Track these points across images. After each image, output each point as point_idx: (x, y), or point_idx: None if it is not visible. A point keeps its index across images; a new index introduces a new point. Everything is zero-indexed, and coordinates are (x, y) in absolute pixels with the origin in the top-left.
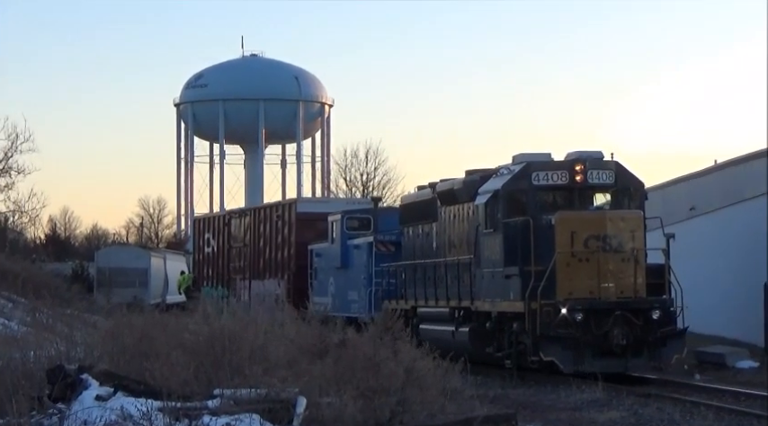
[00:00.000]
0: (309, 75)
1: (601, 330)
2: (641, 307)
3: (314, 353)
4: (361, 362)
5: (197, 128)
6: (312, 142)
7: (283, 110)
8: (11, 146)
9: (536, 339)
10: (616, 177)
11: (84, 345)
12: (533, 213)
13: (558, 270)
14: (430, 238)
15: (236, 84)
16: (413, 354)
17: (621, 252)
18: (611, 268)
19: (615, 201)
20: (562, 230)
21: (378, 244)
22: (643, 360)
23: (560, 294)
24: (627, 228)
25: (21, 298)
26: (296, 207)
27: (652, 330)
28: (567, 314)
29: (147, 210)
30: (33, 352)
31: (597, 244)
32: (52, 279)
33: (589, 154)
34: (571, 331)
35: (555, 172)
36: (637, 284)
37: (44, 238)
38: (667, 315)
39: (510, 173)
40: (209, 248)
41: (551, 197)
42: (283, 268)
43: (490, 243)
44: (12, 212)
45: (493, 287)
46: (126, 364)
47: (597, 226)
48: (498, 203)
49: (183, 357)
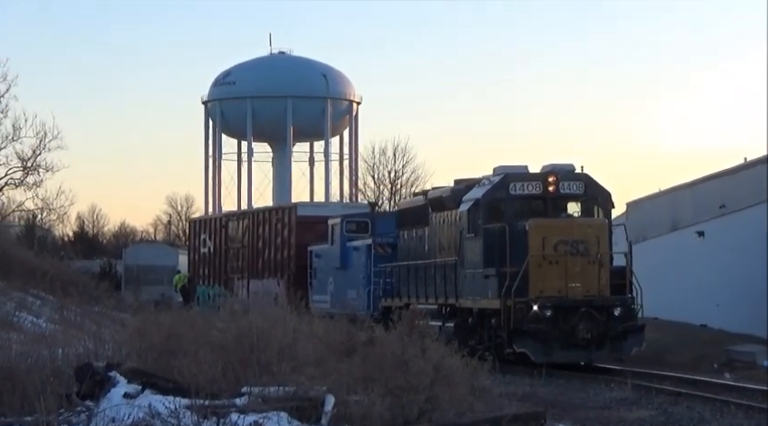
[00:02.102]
0: (337, 73)
1: (568, 325)
2: (604, 305)
3: (342, 351)
4: (389, 360)
5: (225, 126)
6: (340, 140)
7: (311, 107)
8: (39, 144)
9: (510, 333)
10: (585, 187)
11: (113, 343)
12: (510, 220)
13: (531, 271)
14: (422, 241)
15: (265, 82)
16: (441, 352)
17: (587, 255)
18: (578, 270)
19: (585, 209)
20: (535, 235)
21: (376, 246)
22: (605, 352)
23: (532, 292)
24: (593, 234)
25: (49, 296)
26: (296, 210)
27: (614, 325)
28: (537, 310)
29: (174, 208)
30: (62, 350)
31: (566, 248)
32: (80, 277)
33: (561, 166)
34: (541, 325)
35: (530, 182)
36: (600, 284)
37: (72, 236)
38: (628, 311)
39: (490, 184)
40: (204, 248)
41: (527, 205)
42: (283, 268)
43: (472, 246)
44: (40, 210)
45: (474, 286)
46: (154, 362)
47: (566, 232)
48: (479, 210)
49: (211, 355)
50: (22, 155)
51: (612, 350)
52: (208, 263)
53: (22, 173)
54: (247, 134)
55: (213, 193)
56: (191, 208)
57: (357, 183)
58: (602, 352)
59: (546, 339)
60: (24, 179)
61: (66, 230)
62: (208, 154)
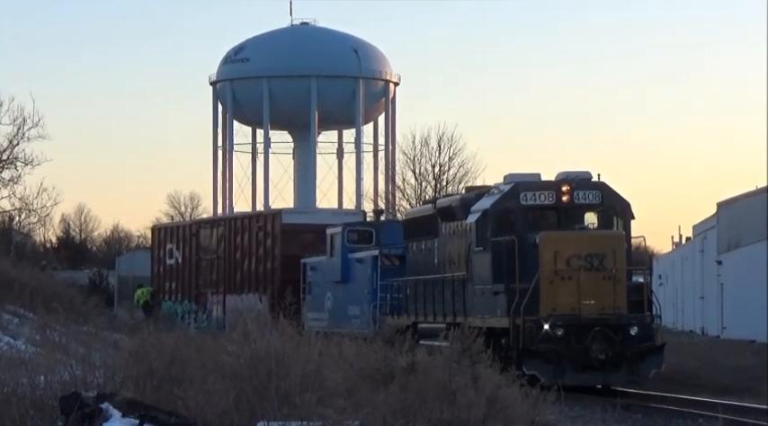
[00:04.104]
0: (371, 48)
1: (581, 345)
2: (620, 323)
3: (377, 379)
4: (433, 390)
5: (237, 111)
6: (374, 127)
7: (340, 88)
8: (17, 133)
9: (519, 353)
10: (602, 197)
11: (104, 368)
12: (520, 232)
13: (542, 287)
14: (432, 254)
15: (284, 59)
16: (496, 380)
17: (602, 270)
18: (592, 286)
19: (602, 221)
20: (546, 249)
21: (383, 257)
22: (622, 374)
23: (544, 310)
24: (609, 247)
25: (28, 313)
26: (281, 218)
27: (630, 345)
28: (548, 329)
29: (177, 208)
30: (44, 377)
31: (579, 262)
32: (65, 290)
33: (576, 174)
34: (552, 345)
35: (542, 192)
36: (616, 301)
37: (56, 241)
38: (646, 331)
39: (499, 193)
40: (171, 260)
41: (539, 216)
42: (266, 281)
43: (480, 260)
44: (18, 210)
45: (483, 303)
46: (154, 391)
47: (579, 246)
48: (488, 222)
49: (222, 383)
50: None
51: (629, 373)
52: (175, 276)
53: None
54: (264, 120)
55: (223, 191)
56: (196, 208)
57: (394, 179)
58: (617, 375)
59: (557, 360)
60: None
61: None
62: (217, 144)
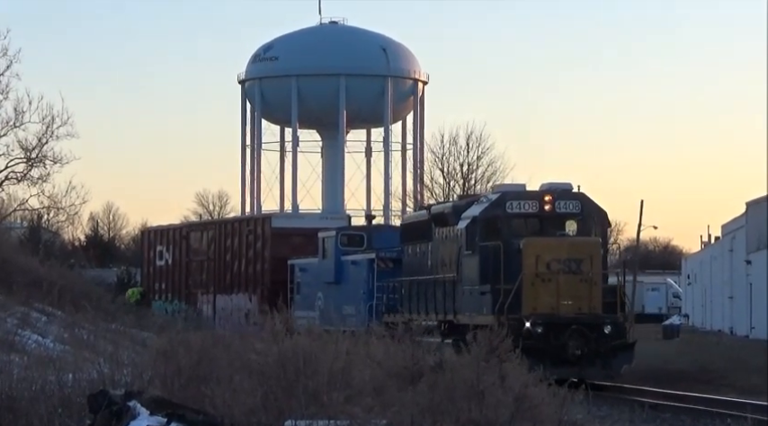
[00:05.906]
0: (400, 47)
1: (559, 341)
2: (595, 322)
3: (405, 378)
4: (461, 389)
5: (265, 110)
6: (403, 126)
7: (368, 87)
8: (45, 131)
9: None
10: (582, 207)
11: (132, 367)
12: (506, 238)
13: (524, 288)
14: (426, 256)
15: (313, 57)
16: (523, 379)
17: (580, 274)
18: (570, 288)
19: (581, 228)
20: (528, 254)
21: (379, 260)
22: (596, 369)
23: (525, 309)
24: (586, 253)
25: (57, 311)
26: (270, 222)
27: (604, 342)
28: (529, 327)
29: (205, 207)
30: (72, 375)
31: (559, 266)
32: (94, 289)
33: (558, 185)
34: (533, 342)
35: (527, 201)
36: (592, 302)
37: (84, 240)
38: (619, 329)
39: (488, 202)
40: (161, 261)
41: (523, 223)
42: (255, 282)
43: (469, 263)
44: (46, 209)
45: (471, 302)
46: (181, 389)
47: (559, 251)
48: (476, 228)
49: (249, 381)
50: (26, 145)
51: (603, 367)
52: (165, 277)
53: (25, 166)
54: (292, 119)
55: (251, 190)
56: (224, 207)
57: (423, 178)
58: (592, 369)
59: (537, 355)
60: (28, 172)
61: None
62: (245, 143)
